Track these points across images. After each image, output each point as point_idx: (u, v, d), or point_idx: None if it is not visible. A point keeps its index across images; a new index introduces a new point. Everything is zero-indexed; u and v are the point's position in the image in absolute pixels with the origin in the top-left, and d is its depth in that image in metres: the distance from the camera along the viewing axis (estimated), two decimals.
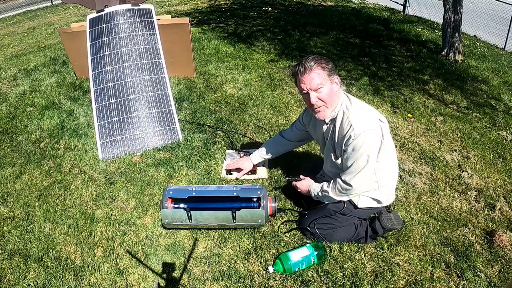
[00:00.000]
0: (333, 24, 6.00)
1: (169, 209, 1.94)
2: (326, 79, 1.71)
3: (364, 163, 1.70)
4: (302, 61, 1.73)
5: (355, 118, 1.70)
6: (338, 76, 1.76)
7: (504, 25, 5.74)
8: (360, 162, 1.70)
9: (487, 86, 3.92)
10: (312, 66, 1.69)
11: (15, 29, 8.98)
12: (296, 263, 1.75)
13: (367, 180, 1.77)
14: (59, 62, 4.57)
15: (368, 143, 1.66)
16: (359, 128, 1.66)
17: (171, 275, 1.82)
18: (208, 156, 2.65)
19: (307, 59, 1.72)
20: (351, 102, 1.78)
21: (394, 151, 1.88)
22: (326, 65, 1.71)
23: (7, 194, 2.40)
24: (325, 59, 1.73)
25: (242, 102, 3.43)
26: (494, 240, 1.95)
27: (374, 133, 1.67)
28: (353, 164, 1.72)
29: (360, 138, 1.65)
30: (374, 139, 1.68)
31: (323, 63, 1.71)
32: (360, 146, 1.66)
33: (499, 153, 2.75)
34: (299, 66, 1.73)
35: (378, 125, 1.71)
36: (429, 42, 5.16)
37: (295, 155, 2.64)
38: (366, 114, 1.74)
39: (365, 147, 1.66)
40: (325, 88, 1.71)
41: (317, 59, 1.71)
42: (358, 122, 1.67)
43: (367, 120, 1.69)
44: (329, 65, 1.72)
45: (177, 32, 3.51)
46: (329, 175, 1.99)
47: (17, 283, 1.79)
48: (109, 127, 2.75)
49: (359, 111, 1.74)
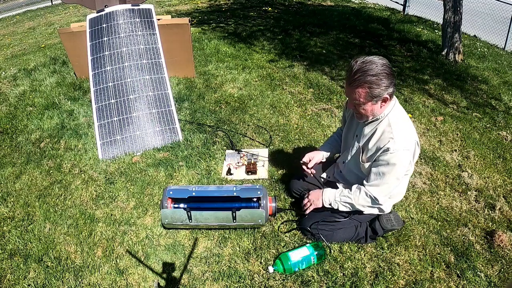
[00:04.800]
0: (333, 24, 6.00)
1: (169, 209, 1.94)
2: (369, 100, 1.56)
3: (391, 179, 1.65)
4: (353, 66, 1.53)
5: (398, 133, 1.59)
6: (391, 93, 1.56)
7: (504, 25, 5.74)
8: (389, 176, 1.64)
9: (487, 86, 3.92)
10: (355, 83, 1.52)
11: (15, 29, 8.98)
12: (296, 263, 1.75)
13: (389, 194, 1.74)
14: (59, 62, 4.57)
15: (402, 162, 1.60)
16: (400, 144, 1.57)
17: (171, 275, 1.82)
18: (208, 156, 2.65)
19: (354, 69, 1.52)
20: (399, 114, 1.66)
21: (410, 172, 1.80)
22: (377, 86, 1.51)
23: (7, 194, 2.40)
24: (376, 76, 1.49)
25: (242, 102, 3.43)
26: (494, 240, 1.95)
27: (409, 153, 1.61)
28: (381, 175, 1.66)
29: (397, 154, 1.59)
30: (407, 160, 1.62)
31: (374, 85, 1.50)
32: (394, 162, 1.60)
33: (499, 153, 2.74)
34: (348, 70, 1.56)
35: (413, 147, 1.63)
36: (429, 42, 5.16)
37: (295, 155, 2.64)
38: (409, 133, 1.63)
39: (398, 165, 1.60)
40: (366, 106, 1.59)
41: (363, 75, 1.50)
42: (400, 139, 1.58)
43: (408, 140, 1.61)
44: (381, 86, 1.51)
45: (177, 32, 3.51)
46: (346, 175, 1.94)
47: (17, 283, 1.79)
48: (109, 127, 2.75)
49: (405, 128, 1.63)
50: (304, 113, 3.26)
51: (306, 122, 3.11)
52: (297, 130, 2.99)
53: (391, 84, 1.54)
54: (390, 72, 1.53)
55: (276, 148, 2.76)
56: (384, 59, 1.56)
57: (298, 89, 3.71)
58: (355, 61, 1.54)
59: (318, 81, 3.86)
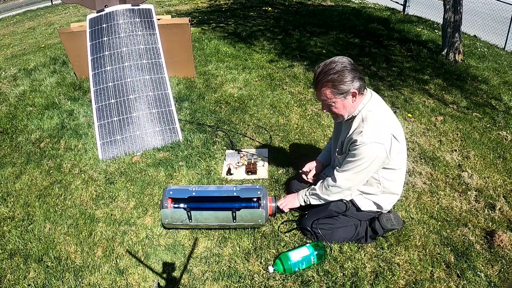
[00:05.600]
0: (333, 24, 6.00)
1: (169, 209, 1.94)
2: (337, 97, 1.63)
3: (357, 169, 1.70)
4: (316, 69, 1.64)
5: (369, 127, 1.64)
6: (358, 87, 1.62)
7: (504, 25, 5.73)
8: (354, 166, 1.70)
9: (487, 86, 3.92)
10: (323, 84, 1.61)
11: (15, 29, 8.98)
12: (296, 263, 1.75)
13: (352, 183, 1.78)
14: (59, 62, 4.57)
15: (370, 155, 1.64)
16: (367, 137, 1.62)
17: (171, 275, 1.82)
18: (208, 156, 2.65)
19: (316, 72, 1.62)
20: (373, 109, 1.69)
21: (404, 166, 1.84)
22: (339, 82, 1.59)
23: (7, 194, 2.40)
24: (340, 73, 1.58)
25: (242, 102, 3.43)
26: (494, 240, 1.95)
27: (381, 147, 1.63)
28: (348, 163, 1.73)
29: (364, 148, 1.63)
30: (377, 153, 1.64)
31: (336, 81, 1.58)
32: (360, 155, 1.65)
33: (499, 153, 2.74)
34: (315, 74, 1.64)
35: (388, 140, 1.65)
36: (429, 42, 5.16)
37: (295, 155, 2.64)
38: (381, 126, 1.66)
39: (366, 157, 1.65)
40: (337, 103, 1.65)
41: (325, 76, 1.59)
42: (368, 132, 1.63)
43: (378, 133, 1.64)
44: (344, 82, 1.58)
45: (177, 32, 3.51)
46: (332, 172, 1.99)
47: (17, 283, 1.79)
48: (109, 127, 2.75)
49: (376, 121, 1.66)
50: (304, 113, 3.26)
51: (306, 122, 3.11)
52: (297, 130, 2.99)
53: (355, 79, 1.61)
54: (352, 68, 1.61)
55: (276, 148, 2.76)
56: (345, 57, 1.65)
57: (298, 89, 3.71)
58: (318, 66, 1.65)
59: None
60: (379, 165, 1.71)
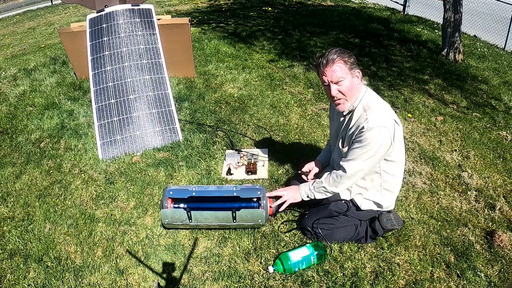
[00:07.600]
0: (333, 24, 6.00)
1: (169, 209, 1.94)
2: (347, 73, 1.70)
3: (366, 155, 1.70)
4: (325, 53, 1.72)
5: (373, 112, 1.70)
6: (360, 71, 1.76)
7: (504, 25, 5.73)
8: (363, 152, 1.70)
9: (487, 86, 3.92)
10: (335, 59, 1.69)
11: (15, 29, 8.98)
12: (296, 263, 1.75)
13: (361, 172, 1.77)
14: (59, 62, 4.57)
15: (378, 139, 1.67)
16: (374, 122, 1.66)
17: (171, 275, 1.82)
18: (208, 156, 2.65)
19: (330, 52, 1.71)
20: (371, 98, 1.77)
21: (403, 158, 1.85)
22: (348, 59, 1.71)
23: (7, 194, 2.40)
24: (348, 53, 1.73)
25: (242, 102, 3.43)
26: (494, 240, 1.95)
27: (386, 131, 1.67)
28: (355, 151, 1.72)
29: (372, 132, 1.66)
30: (385, 137, 1.68)
31: (346, 57, 1.71)
32: (367, 140, 1.67)
33: (499, 153, 2.74)
34: (322, 58, 1.71)
35: (392, 125, 1.70)
36: (429, 42, 5.16)
37: (295, 155, 2.64)
38: (384, 112, 1.73)
39: (374, 142, 1.67)
40: (346, 81, 1.71)
41: (340, 52, 1.71)
42: (374, 117, 1.68)
43: (383, 117, 1.69)
44: (351, 59, 1.72)
45: (177, 32, 3.51)
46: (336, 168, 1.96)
47: (17, 283, 1.79)
48: (109, 127, 2.75)
49: (378, 108, 1.73)
50: (304, 113, 3.26)
51: (306, 122, 3.11)
52: (297, 130, 2.99)
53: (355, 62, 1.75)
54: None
55: (276, 148, 2.76)
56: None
57: (298, 89, 3.71)
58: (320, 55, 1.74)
59: (318, 81, 3.85)
60: (385, 151, 1.71)
